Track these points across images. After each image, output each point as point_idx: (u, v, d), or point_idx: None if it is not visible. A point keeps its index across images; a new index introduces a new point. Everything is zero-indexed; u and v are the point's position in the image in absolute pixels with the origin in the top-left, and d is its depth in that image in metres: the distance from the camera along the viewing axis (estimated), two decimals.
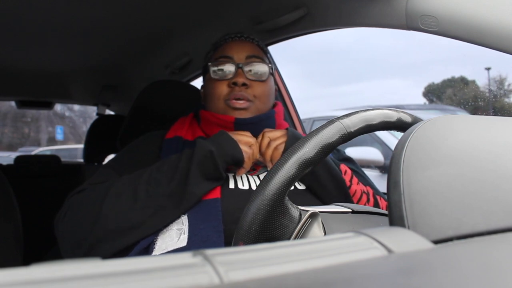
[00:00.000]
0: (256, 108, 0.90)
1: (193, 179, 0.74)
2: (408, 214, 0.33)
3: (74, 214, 0.76)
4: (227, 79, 0.90)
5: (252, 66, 0.90)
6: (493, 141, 0.39)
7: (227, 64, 0.90)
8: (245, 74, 0.89)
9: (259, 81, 0.91)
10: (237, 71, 0.89)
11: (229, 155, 0.77)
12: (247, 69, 0.90)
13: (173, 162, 0.77)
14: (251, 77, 0.90)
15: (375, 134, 2.98)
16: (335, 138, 0.48)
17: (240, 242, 0.47)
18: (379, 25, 0.90)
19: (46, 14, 1.28)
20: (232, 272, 0.21)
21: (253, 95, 0.89)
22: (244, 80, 0.88)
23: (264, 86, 0.91)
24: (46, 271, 0.19)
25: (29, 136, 16.97)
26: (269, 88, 0.93)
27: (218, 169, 0.76)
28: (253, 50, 0.94)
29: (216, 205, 0.74)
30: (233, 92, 0.88)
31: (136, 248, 0.72)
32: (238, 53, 0.91)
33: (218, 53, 0.94)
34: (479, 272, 0.22)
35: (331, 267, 0.23)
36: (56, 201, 1.43)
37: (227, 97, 0.89)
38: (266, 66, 0.92)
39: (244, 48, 0.92)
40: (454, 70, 45.10)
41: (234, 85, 0.88)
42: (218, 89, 0.90)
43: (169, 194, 0.73)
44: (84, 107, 10.11)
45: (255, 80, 0.90)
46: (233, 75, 0.89)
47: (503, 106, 3.31)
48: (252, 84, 0.90)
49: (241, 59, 0.91)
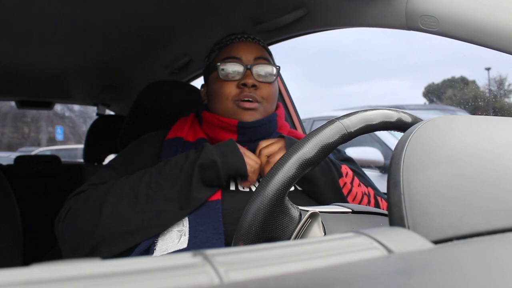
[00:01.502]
0: (264, 109, 0.90)
1: (195, 185, 0.74)
2: (408, 214, 0.33)
3: (75, 216, 0.76)
4: (236, 80, 0.90)
5: (260, 67, 0.91)
6: (493, 141, 0.39)
7: (236, 64, 0.90)
8: (254, 75, 0.89)
9: (267, 83, 0.91)
10: (245, 72, 0.89)
11: (233, 169, 0.77)
12: (256, 70, 0.90)
13: (175, 165, 0.77)
14: (259, 79, 0.90)
15: (375, 134, 2.98)
16: (335, 138, 0.48)
17: (240, 242, 0.47)
18: (379, 25, 0.90)
19: (46, 14, 1.28)
20: (232, 272, 0.21)
21: (261, 97, 0.90)
22: (254, 82, 0.88)
23: (271, 87, 0.92)
24: (46, 271, 0.19)
25: (29, 136, 16.97)
26: (275, 89, 0.94)
27: (220, 179, 0.76)
28: (260, 51, 0.94)
29: (217, 207, 0.74)
30: (242, 93, 0.88)
31: (136, 249, 0.72)
32: (246, 54, 0.91)
33: (225, 53, 0.94)
34: (479, 272, 0.22)
35: (331, 267, 0.23)
36: (56, 201, 1.43)
37: (236, 98, 0.89)
38: (273, 67, 0.92)
39: (252, 49, 0.93)
40: (454, 70, 45.10)
41: (243, 86, 0.88)
42: (227, 89, 0.90)
43: (171, 198, 0.73)
44: (84, 107, 10.11)
45: (263, 81, 0.91)
46: (241, 76, 0.89)
47: (503, 106, 3.31)
48: (260, 85, 0.90)
49: (250, 60, 0.91)
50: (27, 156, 2.07)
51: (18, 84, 2.14)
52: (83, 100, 2.52)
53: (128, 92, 2.12)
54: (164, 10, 1.29)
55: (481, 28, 0.69)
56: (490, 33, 0.68)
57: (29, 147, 13.19)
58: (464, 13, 0.71)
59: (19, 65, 1.84)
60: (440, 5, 0.75)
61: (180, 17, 1.35)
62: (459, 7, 0.72)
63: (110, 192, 0.74)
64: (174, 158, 0.79)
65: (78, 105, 8.52)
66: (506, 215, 0.32)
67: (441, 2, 0.75)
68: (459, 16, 0.72)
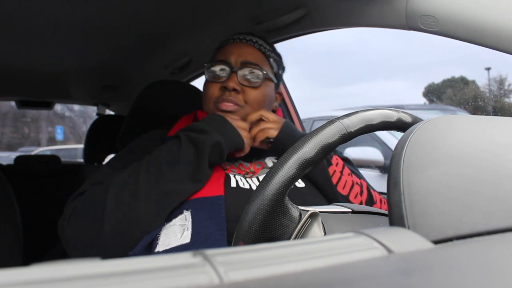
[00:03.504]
0: (245, 113, 0.89)
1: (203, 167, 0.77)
2: (408, 214, 0.33)
3: (80, 216, 0.76)
4: (220, 82, 0.90)
5: (246, 71, 0.90)
6: (493, 141, 0.39)
7: (222, 67, 0.90)
8: (238, 78, 0.89)
9: (252, 87, 0.90)
10: (230, 75, 0.89)
11: (233, 145, 0.82)
12: (241, 74, 0.89)
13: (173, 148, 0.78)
14: (244, 82, 0.89)
15: (375, 134, 2.98)
16: (335, 138, 0.48)
17: (240, 242, 0.47)
18: (379, 25, 0.90)
19: (46, 14, 1.28)
20: (232, 272, 0.21)
21: (244, 100, 0.89)
22: (234, 85, 0.87)
23: (256, 92, 0.90)
24: (46, 271, 0.19)
25: (29, 136, 16.97)
26: (262, 94, 0.91)
27: (223, 158, 0.80)
28: (252, 54, 0.93)
29: (220, 203, 0.74)
30: (223, 95, 0.88)
31: (140, 243, 0.71)
32: (234, 57, 0.91)
33: (217, 55, 0.95)
34: (479, 272, 0.22)
35: (331, 267, 0.23)
36: (56, 201, 1.43)
37: (217, 100, 0.89)
38: (260, 72, 0.90)
39: (242, 52, 0.92)
40: (454, 70, 45.12)
41: (225, 89, 0.88)
42: (210, 91, 0.91)
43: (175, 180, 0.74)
44: (84, 107, 10.11)
45: (248, 86, 0.90)
46: (226, 79, 0.89)
47: (503, 106, 3.31)
48: (244, 89, 0.89)
49: (237, 63, 0.90)
50: (27, 156, 2.07)
51: (18, 84, 2.14)
52: (83, 100, 2.52)
53: (128, 92, 2.12)
54: (164, 10, 1.29)
55: (481, 28, 0.69)
56: (490, 33, 0.68)
57: (29, 147, 13.19)
58: (464, 13, 0.71)
59: (19, 65, 1.84)
60: (440, 5, 0.75)
61: (180, 17, 1.35)
62: (459, 7, 0.72)
63: (110, 189, 0.74)
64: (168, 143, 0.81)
65: (78, 105, 8.52)
66: (506, 215, 0.32)
67: (441, 2, 0.75)
68: (459, 16, 0.72)
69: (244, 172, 0.87)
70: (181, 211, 0.74)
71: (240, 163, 0.90)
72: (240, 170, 0.87)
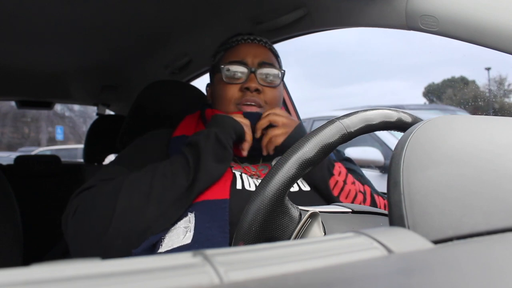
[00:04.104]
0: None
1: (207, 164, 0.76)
2: (408, 214, 0.33)
3: (87, 212, 0.74)
4: (239, 83, 0.90)
5: (264, 71, 0.90)
6: (493, 141, 0.39)
7: (240, 67, 0.90)
8: (258, 79, 0.89)
9: (271, 87, 0.91)
10: (249, 76, 0.89)
11: (231, 131, 0.81)
12: (260, 74, 0.90)
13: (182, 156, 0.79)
14: (263, 83, 0.90)
15: (375, 134, 2.98)
16: (335, 138, 0.48)
17: (240, 242, 0.47)
18: (379, 25, 0.90)
19: (46, 14, 1.28)
20: (232, 272, 0.21)
21: (264, 101, 0.90)
22: (256, 86, 0.88)
23: (275, 91, 0.92)
24: (46, 271, 0.19)
25: (29, 136, 16.97)
26: (279, 93, 0.94)
27: (226, 148, 0.79)
28: (266, 54, 0.94)
29: (224, 206, 0.74)
30: (244, 96, 0.88)
31: (144, 244, 0.71)
32: (251, 57, 0.91)
33: (230, 55, 0.94)
34: (479, 272, 0.22)
35: (331, 267, 0.23)
36: (56, 201, 1.43)
37: (238, 101, 0.89)
38: (278, 71, 0.92)
39: (257, 52, 0.92)
40: (454, 70, 45.11)
41: (246, 90, 0.88)
42: (230, 92, 0.90)
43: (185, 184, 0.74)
44: (84, 107, 10.12)
45: (267, 85, 0.90)
46: (245, 80, 0.89)
47: (503, 106, 3.31)
48: (264, 89, 0.90)
49: (254, 64, 0.91)
50: (27, 156, 2.07)
51: (18, 84, 2.14)
52: (83, 100, 2.52)
53: (128, 92, 2.12)
54: (164, 10, 1.29)
55: (481, 28, 0.69)
56: (490, 33, 0.68)
57: (29, 147, 13.19)
58: (464, 13, 0.71)
59: (19, 65, 1.84)
60: (440, 5, 0.75)
61: (180, 17, 1.35)
62: (459, 7, 0.72)
63: (122, 187, 0.73)
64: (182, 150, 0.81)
65: (78, 105, 8.52)
66: (506, 215, 0.32)
67: (441, 2, 0.74)
68: (459, 16, 0.72)
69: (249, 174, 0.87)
70: (185, 213, 0.74)
71: (247, 165, 0.90)
72: (247, 171, 0.87)
